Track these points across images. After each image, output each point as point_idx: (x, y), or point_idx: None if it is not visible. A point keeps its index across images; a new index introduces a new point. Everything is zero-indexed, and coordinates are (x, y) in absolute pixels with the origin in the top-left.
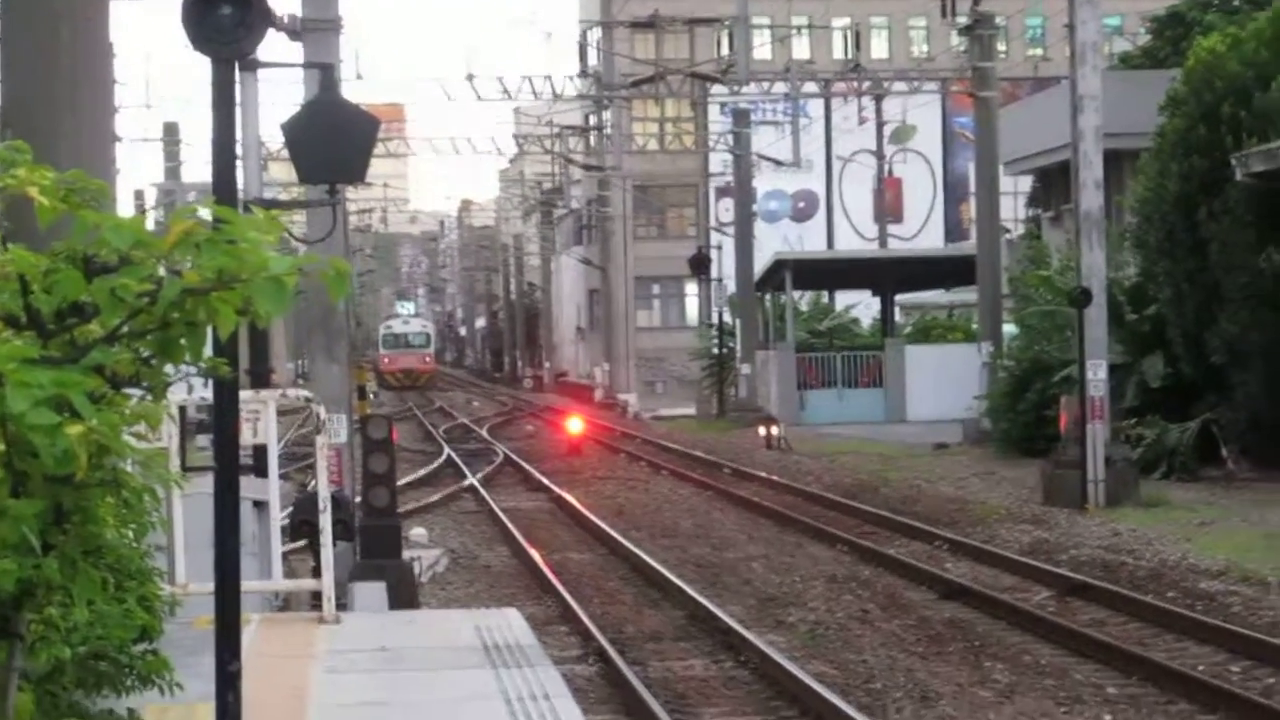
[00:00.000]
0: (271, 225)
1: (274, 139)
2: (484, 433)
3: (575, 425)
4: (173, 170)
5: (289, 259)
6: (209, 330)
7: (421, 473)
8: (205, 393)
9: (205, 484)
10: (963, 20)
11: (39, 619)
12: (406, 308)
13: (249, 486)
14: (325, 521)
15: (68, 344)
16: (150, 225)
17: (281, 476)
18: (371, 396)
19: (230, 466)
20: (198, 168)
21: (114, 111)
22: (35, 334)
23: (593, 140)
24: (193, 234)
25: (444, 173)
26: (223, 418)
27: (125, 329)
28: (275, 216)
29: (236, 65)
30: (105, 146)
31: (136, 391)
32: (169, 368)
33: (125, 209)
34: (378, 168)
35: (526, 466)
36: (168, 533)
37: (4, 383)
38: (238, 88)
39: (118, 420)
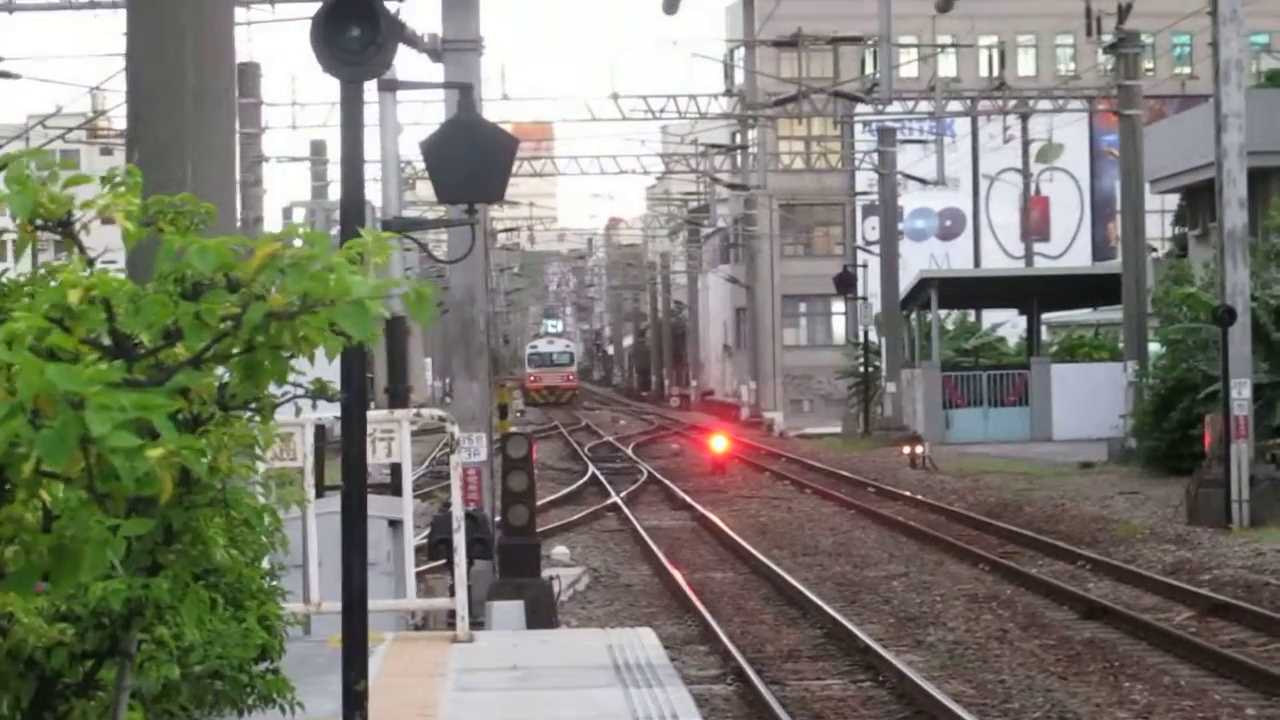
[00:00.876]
0: (380, 247)
1: (421, 158)
2: (629, 451)
3: (720, 443)
4: (320, 189)
5: (373, 283)
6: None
7: (565, 491)
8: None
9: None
10: (1108, 38)
11: (149, 638)
12: (554, 326)
13: (384, 505)
14: (459, 540)
15: (154, 367)
16: (298, 242)
17: (424, 496)
18: (518, 415)
19: (357, 486)
20: None
21: (235, 131)
22: (120, 357)
23: (738, 159)
24: (277, 258)
25: (591, 190)
26: (350, 438)
27: (211, 352)
28: (386, 238)
29: (368, 85)
30: (228, 164)
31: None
32: (274, 389)
33: (273, 227)
34: (525, 186)
35: (670, 485)
36: (287, 552)
37: (85, 405)
38: (378, 108)
39: (225, 442)
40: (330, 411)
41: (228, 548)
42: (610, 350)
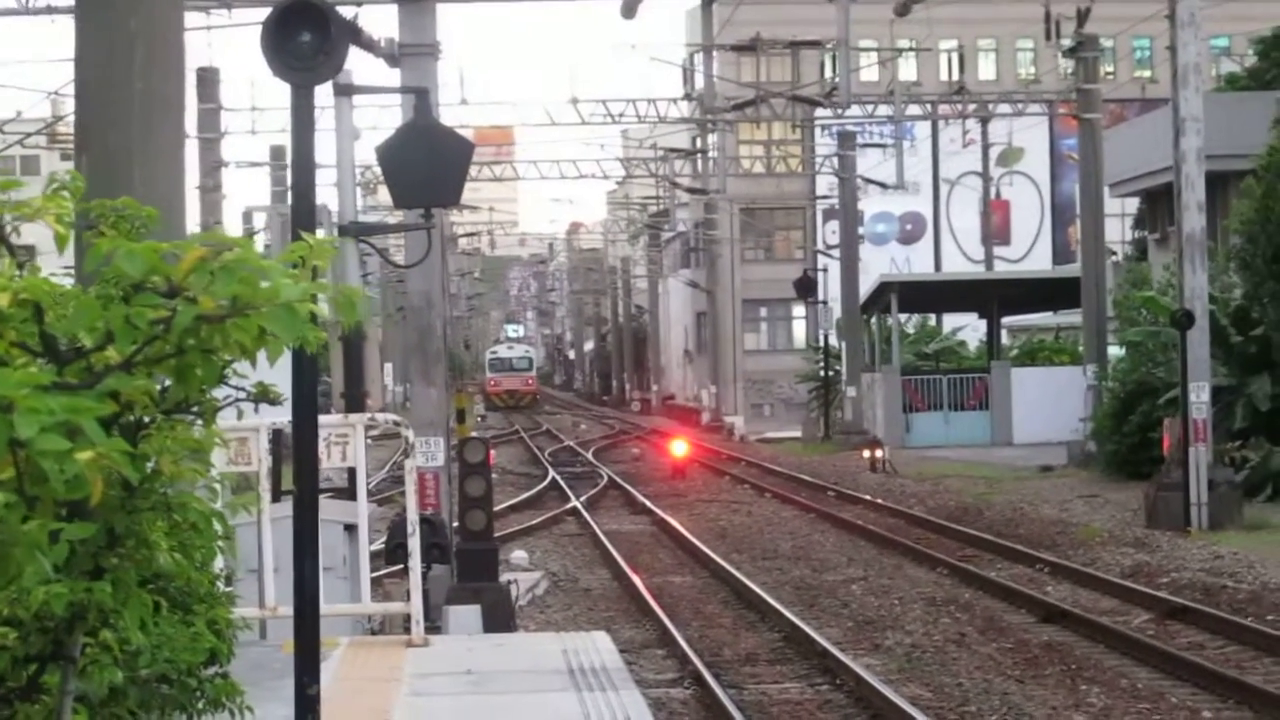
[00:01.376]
0: (322, 251)
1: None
2: (589, 455)
3: (680, 448)
4: (279, 194)
5: (302, 286)
6: (289, 354)
7: (525, 495)
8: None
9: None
10: (1067, 42)
11: (93, 642)
12: (515, 331)
13: (340, 510)
14: (414, 544)
15: (85, 370)
16: (260, 247)
17: (384, 501)
18: (479, 420)
19: (309, 490)
20: None
21: (184, 136)
22: (51, 361)
23: (698, 163)
24: (207, 262)
25: (552, 195)
26: (301, 442)
27: (141, 356)
28: (329, 242)
29: (325, 90)
30: (178, 170)
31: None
32: (217, 393)
33: (234, 230)
34: (485, 191)
35: (630, 489)
36: (235, 557)
37: (14, 409)
38: (335, 113)
39: (167, 446)
40: (288, 416)
41: (172, 551)
42: (571, 355)
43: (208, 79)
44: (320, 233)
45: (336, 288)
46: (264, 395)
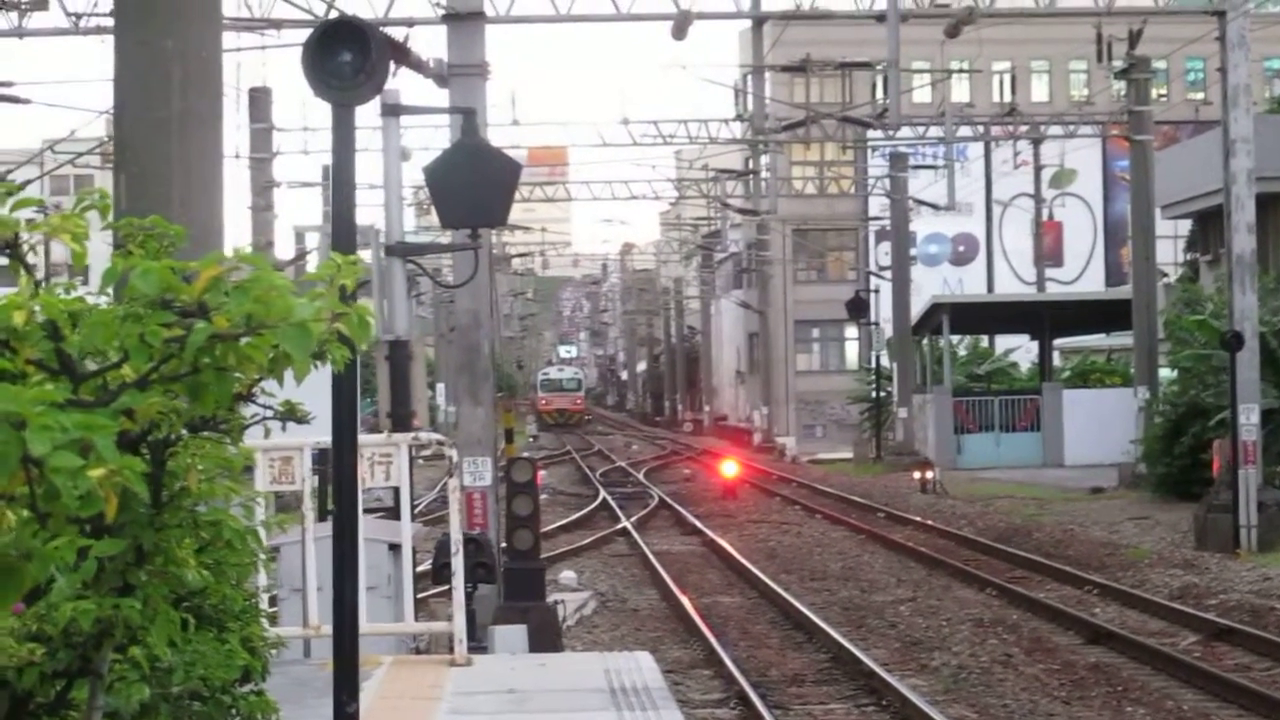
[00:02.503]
0: (349, 271)
1: None
2: (640, 476)
3: (731, 469)
4: (330, 214)
5: (316, 305)
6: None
7: (575, 516)
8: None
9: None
10: (1119, 64)
11: (123, 659)
12: (568, 351)
13: (383, 529)
14: (457, 563)
15: (100, 388)
16: (311, 266)
17: (434, 520)
18: (531, 440)
19: (349, 509)
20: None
21: (222, 155)
22: (66, 378)
23: (750, 184)
24: (221, 281)
25: (604, 215)
26: (341, 461)
27: (156, 374)
28: (355, 260)
29: (373, 109)
30: (215, 188)
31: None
32: (247, 411)
33: (285, 250)
34: (539, 211)
35: (681, 510)
36: (270, 575)
37: (27, 426)
38: (382, 133)
39: (192, 463)
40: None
41: (199, 568)
42: (624, 375)
43: (260, 99)
44: (367, 253)
45: (353, 307)
46: (291, 414)
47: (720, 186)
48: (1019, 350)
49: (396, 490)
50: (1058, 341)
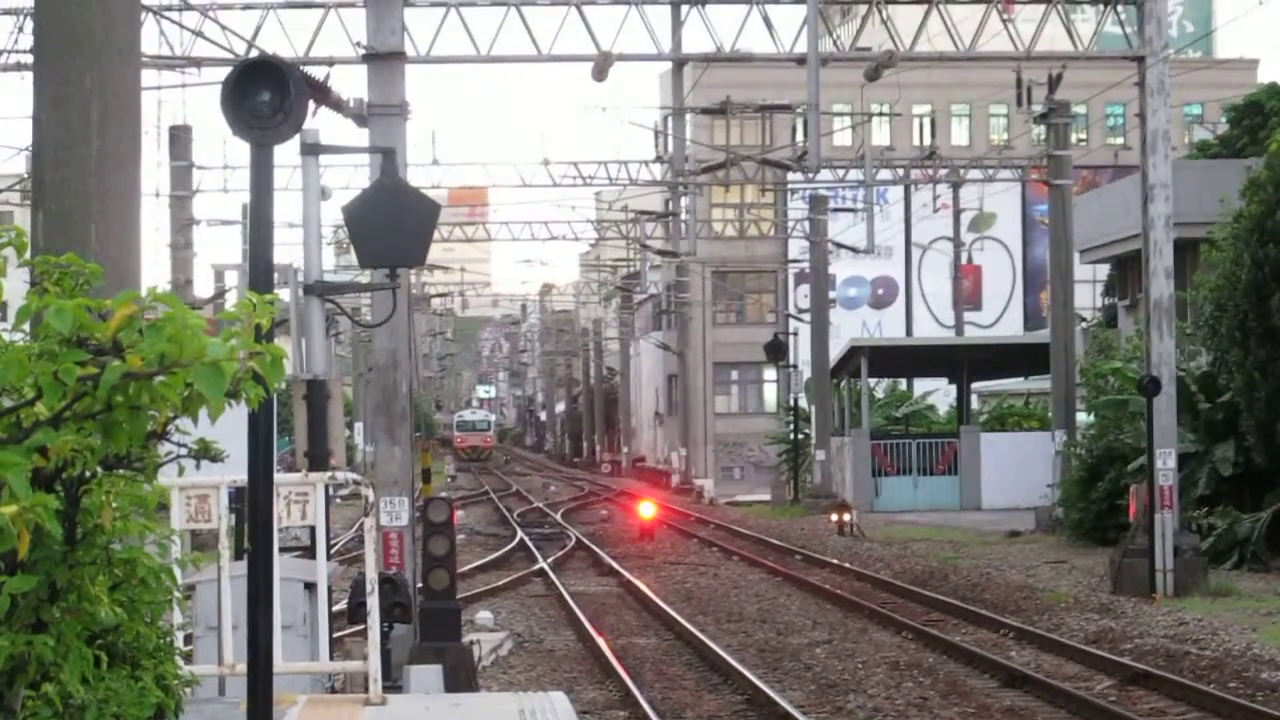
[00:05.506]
0: (264, 311)
1: None
2: (558, 516)
3: (649, 510)
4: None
5: (228, 345)
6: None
7: (493, 556)
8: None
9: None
10: (1038, 108)
11: (35, 696)
12: (487, 391)
13: (299, 568)
14: (373, 603)
15: (14, 425)
16: (230, 304)
17: (352, 560)
18: (449, 479)
19: (263, 547)
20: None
21: (140, 194)
22: None
23: (670, 225)
24: (135, 320)
25: (524, 256)
26: (256, 499)
27: (70, 411)
28: (269, 300)
29: (292, 148)
30: (133, 227)
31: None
32: (162, 448)
33: (204, 289)
34: (458, 251)
35: (598, 551)
36: (184, 612)
37: None
38: (302, 172)
39: (106, 501)
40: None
41: (113, 606)
42: (543, 416)
43: (180, 137)
44: (286, 291)
45: (267, 347)
46: (205, 452)
47: (640, 228)
48: (937, 393)
49: (313, 529)
50: (976, 385)
